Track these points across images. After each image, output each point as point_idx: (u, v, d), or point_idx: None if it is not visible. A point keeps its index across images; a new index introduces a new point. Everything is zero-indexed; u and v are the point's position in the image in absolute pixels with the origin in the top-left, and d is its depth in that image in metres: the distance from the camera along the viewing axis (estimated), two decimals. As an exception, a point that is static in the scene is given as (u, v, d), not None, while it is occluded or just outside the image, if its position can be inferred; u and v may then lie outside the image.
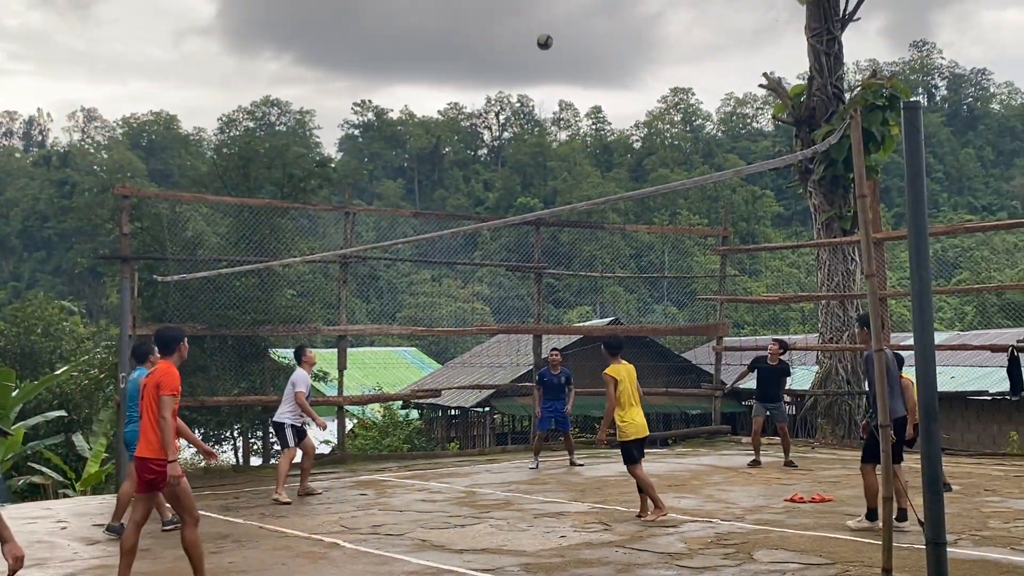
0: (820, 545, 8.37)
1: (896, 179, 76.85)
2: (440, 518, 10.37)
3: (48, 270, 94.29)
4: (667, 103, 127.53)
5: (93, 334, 34.02)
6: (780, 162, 8.59)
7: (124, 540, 7.24)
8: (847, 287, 20.19)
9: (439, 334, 27.64)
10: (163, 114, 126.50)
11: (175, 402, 7.05)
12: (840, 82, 21.32)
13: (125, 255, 14.93)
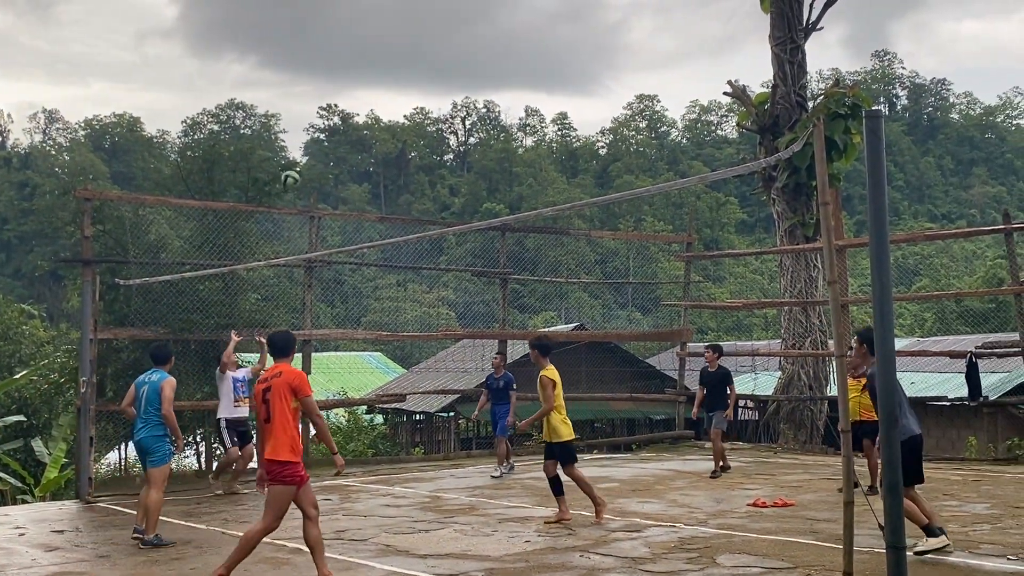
0: (782, 549, 8.44)
1: (858, 187, 77.84)
2: (404, 523, 10.34)
3: (8, 273, 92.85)
4: (632, 110, 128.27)
5: (53, 338, 33.52)
6: (744, 169, 8.68)
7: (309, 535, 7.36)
8: (809, 293, 20.40)
9: (404, 339, 27.60)
10: (126, 116, 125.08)
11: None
12: (803, 90, 21.55)
13: (87, 258, 14.74)
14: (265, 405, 7.22)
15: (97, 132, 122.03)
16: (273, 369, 7.42)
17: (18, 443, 25.61)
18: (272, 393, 7.20)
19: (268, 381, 7.31)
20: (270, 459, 7.17)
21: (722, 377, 14.26)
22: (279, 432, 7.15)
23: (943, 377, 25.61)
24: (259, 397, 7.29)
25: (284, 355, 7.49)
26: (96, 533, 10.43)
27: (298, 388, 7.25)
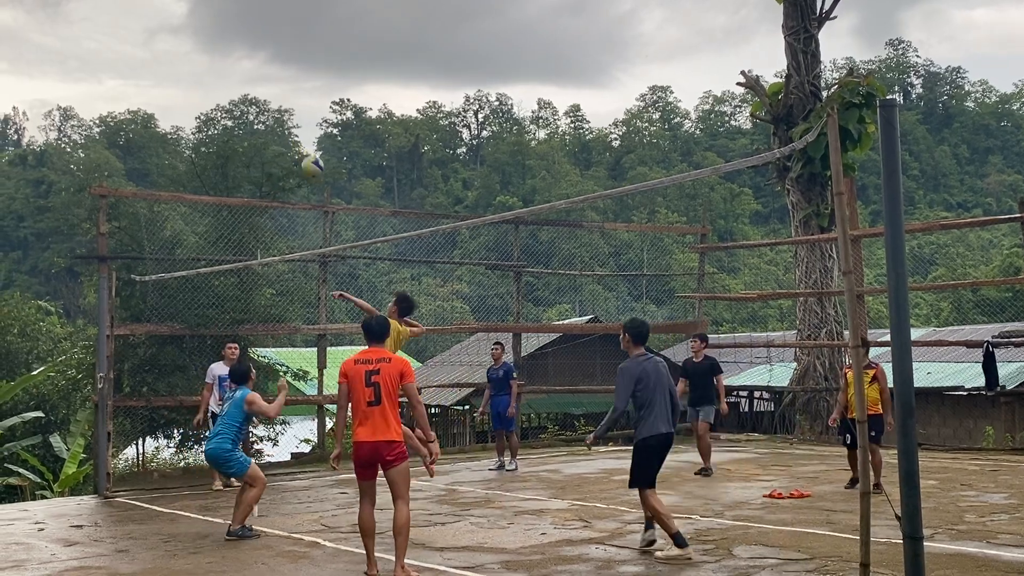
0: (799, 541, 8.43)
1: (873, 176, 77.46)
2: (420, 516, 10.37)
3: (25, 270, 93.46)
4: (645, 101, 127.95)
5: (70, 334, 33.75)
6: (758, 160, 8.64)
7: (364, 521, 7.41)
8: (825, 284, 20.33)
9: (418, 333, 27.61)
10: (140, 113, 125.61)
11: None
12: (817, 80, 21.46)
13: (103, 255, 14.83)
14: (372, 388, 7.24)
15: (111, 129, 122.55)
16: (373, 352, 7.44)
17: (36, 439, 25.81)
18: (380, 377, 7.26)
19: (372, 364, 7.32)
20: (384, 440, 7.22)
21: (709, 368, 13.47)
22: (390, 414, 7.28)
23: (960, 367, 25.49)
24: (361, 379, 7.25)
25: (381, 341, 7.67)
26: (115, 528, 10.51)
27: (407, 374, 7.40)
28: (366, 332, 7.63)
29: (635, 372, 8.10)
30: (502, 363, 14.91)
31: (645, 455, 8.12)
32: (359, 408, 7.28)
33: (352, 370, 7.35)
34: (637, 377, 8.07)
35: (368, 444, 7.24)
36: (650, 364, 8.19)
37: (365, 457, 7.29)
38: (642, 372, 8.11)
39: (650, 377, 8.11)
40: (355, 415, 7.32)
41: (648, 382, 8.08)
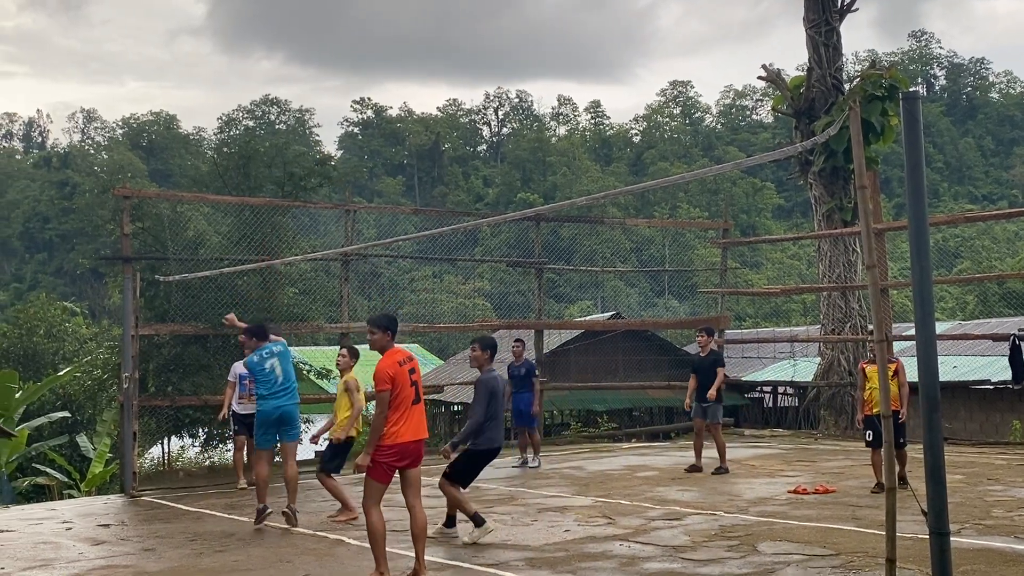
0: (824, 536, 8.38)
1: (896, 169, 76.86)
2: (444, 513, 10.38)
3: (50, 271, 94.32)
4: (666, 96, 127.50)
5: (96, 335, 34.02)
6: (780, 154, 8.59)
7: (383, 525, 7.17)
8: (848, 278, 20.20)
9: (441, 330, 27.68)
10: (163, 114, 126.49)
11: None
12: (839, 73, 21.31)
13: (127, 255, 14.94)
14: (414, 387, 7.26)
15: (134, 130, 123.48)
16: (401, 351, 7.39)
17: (63, 439, 26.04)
18: (417, 375, 7.35)
19: (407, 363, 7.32)
20: (421, 439, 7.27)
21: (713, 362, 13.32)
22: (424, 412, 7.37)
23: (986, 360, 25.24)
24: (407, 379, 7.21)
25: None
26: (142, 527, 10.59)
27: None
28: (391, 329, 7.42)
29: (491, 386, 8.83)
30: (523, 360, 14.85)
31: (477, 462, 8.86)
32: (405, 407, 7.17)
33: (398, 372, 7.20)
34: (492, 390, 8.81)
35: (414, 443, 7.21)
36: (500, 379, 9.08)
37: (410, 455, 7.20)
38: (496, 386, 8.86)
39: (499, 391, 8.90)
40: (399, 415, 7.14)
41: (498, 396, 8.85)
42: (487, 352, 8.99)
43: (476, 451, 8.81)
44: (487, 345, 9.07)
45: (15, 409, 24.08)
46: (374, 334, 7.31)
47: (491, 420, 8.76)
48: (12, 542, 9.82)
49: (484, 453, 8.82)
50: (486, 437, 8.77)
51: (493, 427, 8.79)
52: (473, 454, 8.83)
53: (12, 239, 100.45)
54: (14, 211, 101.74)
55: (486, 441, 8.78)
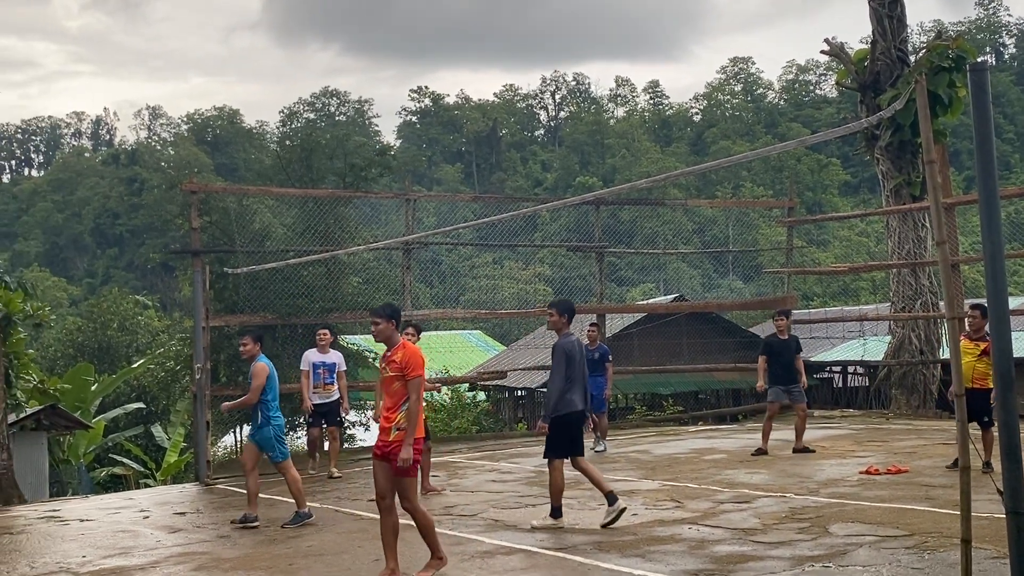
0: (897, 517, 8.26)
1: (965, 141, 74.95)
2: (511, 498, 10.45)
3: (121, 266, 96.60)
4: (727, 73, 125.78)
5: (167, 327, 34.83)
6: (845, 130, 8.43)
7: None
8: (918, 254, 19.80)
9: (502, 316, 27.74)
10: (226, 109, 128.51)
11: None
12: (904, 45, 20.84)
13: (196, 249, 15.24)
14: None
15: (199, 126, 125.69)
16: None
17: (139, 429, 26.70)
18: None
19: None
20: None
21: (797, 345, 13.21)
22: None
23: (1063, 335, 24.58)
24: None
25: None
26: (216, 514, 10.83)
27: None
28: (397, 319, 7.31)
29: (568, 349, 8.63)
30: (597, 345, 14.73)
31: (561, 430, 8.60)
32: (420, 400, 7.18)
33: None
34: (569, 354, 8.60)
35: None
36: (578, 343, 8.83)
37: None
38: (573, 349, 8.67)
39: (577, 355, 8.68)
40: (421, 408, 7.11)
41: (576, 359, 8.65)
42: (564, 316, 8.78)
43: (556, 418, 8.59)
44: (563, 309, 8.86)
45: (91, 401, 24.79)
46: (378, 324, 7.06)
47: (570, 383, 8.55)
48: (92, 531, 10.12)
49: (564, 418, 8.57)
50: (566, 401, 8.56)
51: (573, 390, 8.57)
52: (555, 422, 8.61)
53: (84, 235, 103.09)
54: (85, 208, 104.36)
55: (565, 405, 8.56)
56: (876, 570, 6.56)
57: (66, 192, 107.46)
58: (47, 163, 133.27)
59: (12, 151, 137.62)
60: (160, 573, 7.79)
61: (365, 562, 7.67)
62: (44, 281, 71.13)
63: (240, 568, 7.77)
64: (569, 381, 8.56)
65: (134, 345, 33.60)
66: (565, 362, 8.55)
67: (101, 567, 8.14)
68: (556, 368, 8.60)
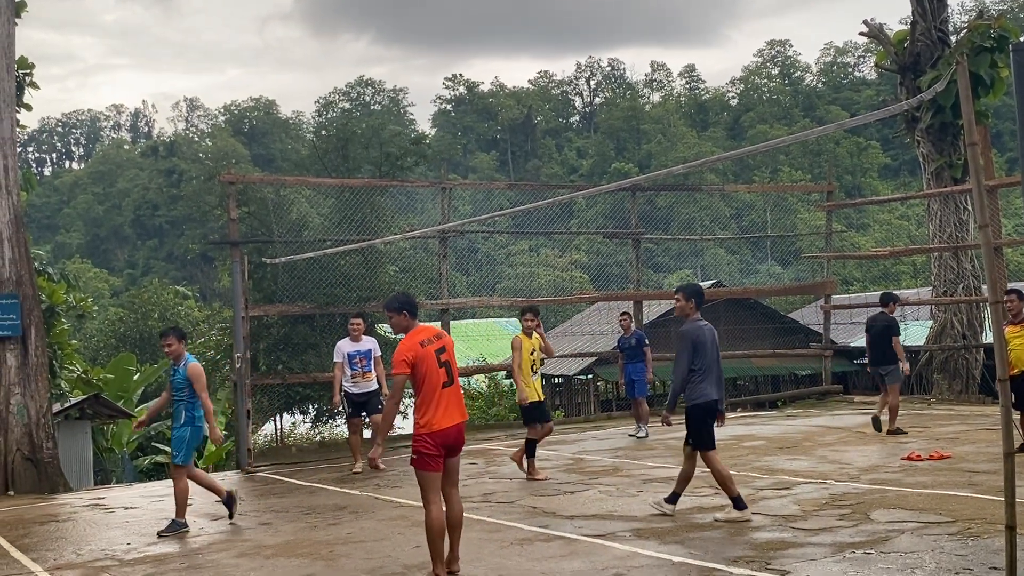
0: (940, 503, 8.17)
1: (1008, 123, 73.60)
2: (550, 485, 10.47)
3: (161, 257, 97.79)
4: (763, 57, 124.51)
5: (207, 317, 35.19)
6: (885, 112, 8.32)
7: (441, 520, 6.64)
8: (960, 238, 19.52)
9: (539, 303, 27.77)
10: (262, 99, 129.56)
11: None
12: (944, 25, 20.51)
13: (234, 239, 15.39)
14: (444, 368, 6.63)
15: (236, 117, 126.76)
16: (428, 330, 6.80)
17: (181, 418, 26.99)
18: (448, 354, 6.70)
19: (435, 342, 6.69)
20: (463, 423, 6.68)
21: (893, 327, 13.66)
22: (460, 393, 6.77)
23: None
24: (434, 361, 6.60)
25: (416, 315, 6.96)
26: (257, 501, 10.95)
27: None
28: (411, 308, 6.84)
29: (694, 335, 8.22)
30: (632, 331, 14.87)
31: (699, 420, 8.23)
32: (433, 392, 6.57)
33: (421, 352, 6.58)
34: (695, 340, 8.19)
35: (451, 429, 6.57)
36: (707, 329, 8.31)
37: (451, 442, 6.60)
38: (700, 335, 8.21)
39: (706, 341, 8.23)
40: (427, 400, 6.58)
41: (706, 345, 8.22)
42: (691, 300, 8.32)
43: (692, 407, 8.24)
44: (690, 292, 8.41)
45: (133, 390, 25.14)
46: (391, 317, 6.87)
47: (698, 372, 8.15)
48: (136, 519, 10.29)
49: (700, 408, 8.18)
50: (699, 390, 8.15)
51: (703, 379, 8.16)
52: (690, 412, 8.27)
53: (124, 226, 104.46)
54: (125, 199, 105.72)
55: (700, 395, 8.15)
56: (918, 556, 6.50)
57: (106, 184, 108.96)
58: (87, 156, 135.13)
59: (53, 144, 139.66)
60: (203, 560, 7.90)
61: (405, 549, 7.72)
62: (86, 272, 72.21)
63: (281, 555, 7.85)
64: (700, 371, 8.16)
65: (175, 335, 33.97)
66: (691, 349, 8.15)
67: (145, 554, 8.27)
68: (680, 355, 8.19)
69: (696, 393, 8.18)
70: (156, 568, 7.70)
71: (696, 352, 8.17)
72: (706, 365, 8.18)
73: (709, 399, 8.16)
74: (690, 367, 8.17)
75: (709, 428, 8.22)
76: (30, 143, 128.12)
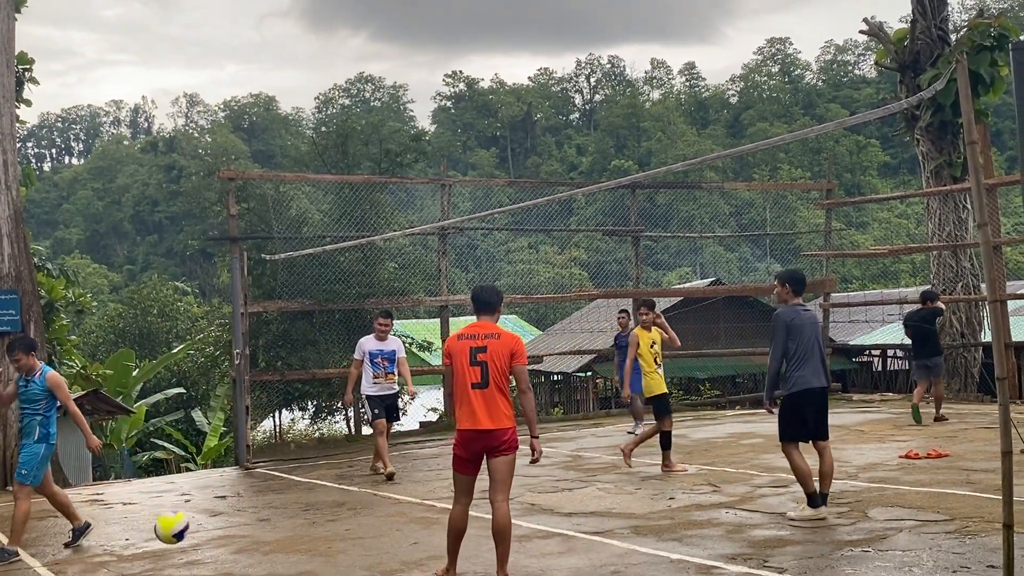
0: (937, 501, 8.18)
1: (1007, 121, 73.60)
2: (548, 482, 10.48)
3: (160, 252, 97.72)
4: (763, 54, 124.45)
5: (207, 313, 35.16)
6: (885, 111, 8.32)
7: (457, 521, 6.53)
8: (959, 236, 19.52)
9: (538, 301, 27.78)
10: (262, 96, 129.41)
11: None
12: (944, 24, 20.49)
13: (234, 236, 15.38)
14: (479, 367, 6.36)
15: (236, 113, 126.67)
16: (481, 326, 6.56)
17: (179, 414, 27.02)
18: (488, 355, 6.38)
19: (478, 339, 6.44)
20: (490, 429, 6.32)
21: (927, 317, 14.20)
22: (499, 398, 6.36)
23: (1109, 318, 24.16)
24: (466, 356, 6.40)
25: (492, 313, 6.69)
26: (256, 498, 10.96)
27: (518, 354, 6.48)
28: (475, 302, 6.76)
29: (786, 319, 7.90)
30: (629, 329, 14.74)
31: (794, 409, 7.94)
32: (463, 391, 6.39)
33: (456, 347, 6.46)
34: (788, 325, 7.86)
35: (471, 434, 6.35)
36: (803, 313, 7.95)
37: (467, 449, 6.41)
38: (794, 320, 7.89)
39: (801, 325, 7.87)
40: (457, 399, 6.46)
41: (802, 330, 7.86)
42: (786, 285, 8.01)
43: (789, 395, 7.91)
44: (784, 278, 8.09)
45: (133, 386, 25.14)
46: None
47: (793, 359, 7.83)
48: (135, 514, 10.29)
49: (798, 396, 7.85)
50: (797, 378, 7.82)
51: (800, 366, 7.81)
52: (787, 400, 7.95)
53: (124, 222, 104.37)
54: (124, 195, 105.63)
55: (798, 383, 7.81)
56: (916, 555, 6.51)
57: (106, 180, 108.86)
58: (87, 151, 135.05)
59: (52, 140, 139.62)
60: (201, 556, 7.90)
61: (404, 546, 7.73)
62: (85, 268, 72.15)
63: (280, 551, 7.86)
64: (795, 357, 7.82)
65: (174, 331, 33.99)
66: (784, 334, 7.82)
67: (144, 550, 8.28)
68: (774, 341, 7.89)
69: (791, 381, 7.87)
70: (154, 564, 7.71)
71: (790, 336, 7.84)
72: (802, 350, 7.82)
73: (804, 387, 7.82)
74: (784, 353, 7.87)
75: (800, 417, 7.89)
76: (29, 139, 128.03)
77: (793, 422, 7.93)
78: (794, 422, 7.92)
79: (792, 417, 7.93)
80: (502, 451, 6.40)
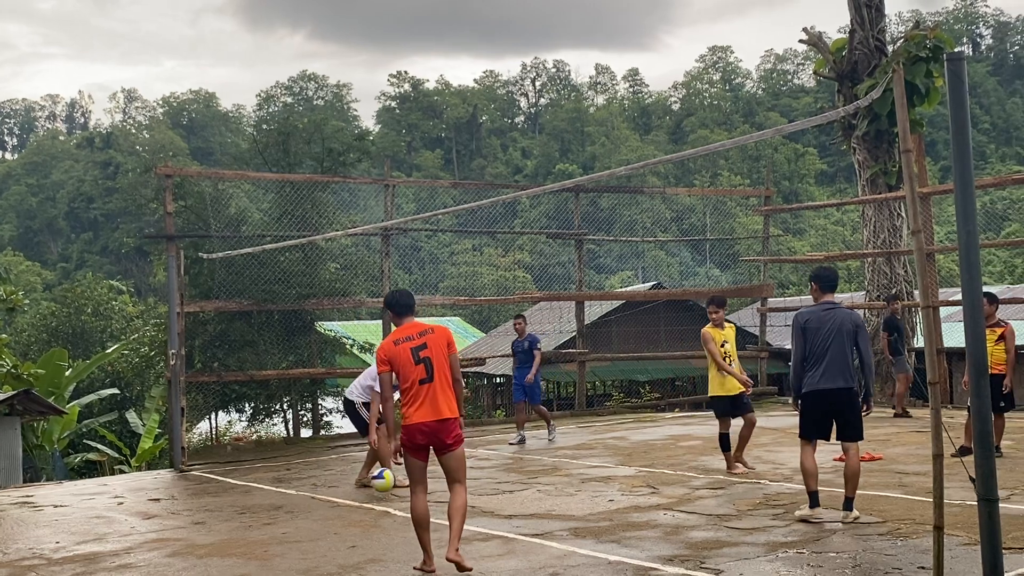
0: (871, 504, 8.32)
1: (942, 132, 75.47)
2: (488, 484, 10.46)
3: (95, 250, 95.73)
4: (705, 62, 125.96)
5: (142, 312, 34.54)
6: (822, 119, 8.46)
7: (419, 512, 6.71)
8: (893, 244, 19.91)
9: (482, 303, 27.80)
10: (202, 92, 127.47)
11: None
12: (882, 35, 20.90)
13: (170, 234, 15.11)
14: (423, 364, 6.63)
15: (175, 109, 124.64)
16: (412, 327, 6.82)
17: (113, 415, 26.48)
18: (429, 351, 6.67)
19: (415, 339, 6.73)
20: (441, 419, 6.61)
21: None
22: (447, 390, 6.68)
23: (1036, 325, 24.79)
24: (409, 359, 6.64)
25: (413, 312, 6.98)
26: (191, 500, 10.77)
27: (451, 344, 6.87)
28: (396, 306, 6.96)
29: (801, 320, 7.89)
30: (527, 335, 14.44)
31: (805, 409, 7.98)
32: (412, 388, 6.65)
33: (394, 352, 6.71)
34: (803, 326, 7.84)
35: (424, 426, 6.61)
36: (829, 313, 7.84)
37: (421, 441, 6.65)
38: (809, 321, 7.85)
39: (818, 327, 7.80)
40: (405, 397, 6.69)
41: (818, 331, 7.78)
42: (814, 284, 7.96)
43: (803, 396, 7.93)
44: (812, 276, 8.03)
45: (65, 387, 24.57)
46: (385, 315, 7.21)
47: (809, 359, 7.81)
48: (66, 517, 10.05)
49: (806, 397, 7.87)
50: (807, 379, 7.82)
51: (813, 367, 7.77)
52: (801, 400, 7.98)
53: (58, 219, 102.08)
54: (59, 191, 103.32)
55: (807, 384, 7.82)
56: (850, 556, 6.61)
57: (40, 175, 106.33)
58: (21, 146, 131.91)
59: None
60: (134, 559, 7.74)
61: (341, 549, 7.65)
62: (18, 265, 70.44)
63: (215, 554, 7.73)
64: (811, 358, 7.80)
65: (108, 331, 33.29)
66: (800, 334, 7.84)
67: (75, 553, 8.09)
68: (792, 342, 7.95)
69: (804, 382, 7.88)
70: (85, 567, 7.53)
71: (805, 338, 7.82)
72: (817, 352, 7.75)
73: (811, 389, 7.80)
74: (801, 355, 7.84)
75: (812, 417, 7.90)
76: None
77: (804, 421, 8.04)
78: (805, 421, 8.01)
79: (803, 416, 8.04)
80: (451, 447, 6.69)
